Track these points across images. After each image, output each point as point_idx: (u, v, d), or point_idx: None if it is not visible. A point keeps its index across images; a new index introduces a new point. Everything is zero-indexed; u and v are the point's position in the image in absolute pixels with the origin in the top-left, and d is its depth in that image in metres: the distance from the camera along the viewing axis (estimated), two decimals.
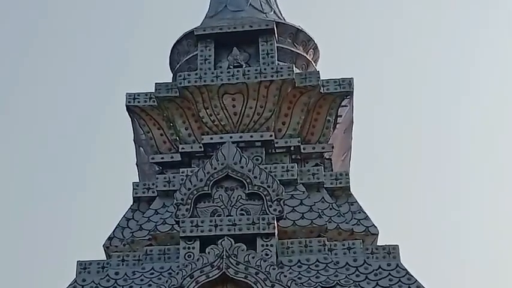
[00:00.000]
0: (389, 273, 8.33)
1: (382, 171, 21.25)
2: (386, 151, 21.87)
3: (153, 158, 9.83)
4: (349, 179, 9.39)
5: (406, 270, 8.37)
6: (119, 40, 25.04)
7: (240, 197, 8.60)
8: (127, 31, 24.95)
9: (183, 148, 9.63)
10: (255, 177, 8.60)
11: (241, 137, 9.48)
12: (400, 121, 23.35)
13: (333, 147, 9.83)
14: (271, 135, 9.51)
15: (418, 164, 22.93)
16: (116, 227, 9.23)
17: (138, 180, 10.08)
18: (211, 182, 8.62)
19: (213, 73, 9.68)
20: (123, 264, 8.68)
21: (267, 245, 8.18)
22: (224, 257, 7.62)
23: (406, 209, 20.91)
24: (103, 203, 20.84)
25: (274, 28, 10.10)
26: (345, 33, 22.88)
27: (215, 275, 7.56)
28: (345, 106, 9.92)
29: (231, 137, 9.33)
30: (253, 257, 7.67)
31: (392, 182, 22.15)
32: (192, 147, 9.63)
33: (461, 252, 21.25)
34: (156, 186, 9.32)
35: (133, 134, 10.30)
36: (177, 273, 7.63)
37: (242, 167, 8.67)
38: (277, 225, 8.37)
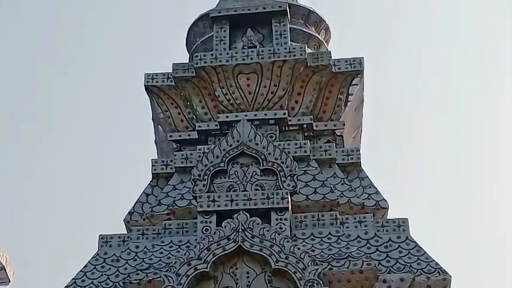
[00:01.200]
0: (399, 246, 8.38)
1: (392, 147, 21.32)
2: (396, 128, 21.95)
3: (171, 136, 9.85)
4: (360, 154, 9.39)
5: (415, 242, 8.40)
6: (138, 21, 25.14)
7: (254, 172, 8.63)
8: (145, 12, 25.00)
9: (199, 126, 9.65)
10: (269, 154, 8.63)
11: (255, 115, 9.49)
12: (411, 99, 23.41)
13: (344, 124, 9.83)
14: (284, 113, 9.52)
15: (427, 140, 22.97)
16: (136, 202, 9.26)
17: (156, 158, 10.19)
18: (227, 158, 8.65)
19: (228, 53, 9.71)
20: (143, 238, 8.74)
21: (281, 219, 8.21)
22: (240, 230, 7.66)
23: (416, 184, 21.00)
24: (124, 180, 20.95)
25: (287, 9, 10.10)
26: (356, 13, 22.91)
27: (231, 247, 7.61)
28: (356, 85, 9.90)
29: (246, 115, 9.38)
30: (267, 231, 7.70)
31: (402, 158, 22.18)
32: (208, 125, 9.64)
33: (471, 224, 21.29)
34: (174, 163, 9.35)
35: (152, 112, 10.32)
36: (195, 246, 7.68)
37: (257, 144, 8.71)
38: (291, 199, 8.40)
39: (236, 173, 8.65)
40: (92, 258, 8.65)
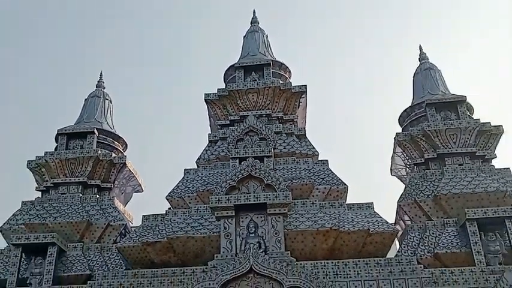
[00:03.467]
0: (324, 172, 8.37)
1: (320, 127, 21.12)
2: (322, 118, 21.73)
3: (216, 123, 9.74)
4: (305, 130, 9.29)
5: (331, 170, 8.40)
6: (199, 70, 24.97)
7: (256, 139, 8.59)
8: (206, 64, 24.85)
9: (230, 118, 9.53)
10: (263, 130, 8.60)
11: (256, 112, 9.36)
12: (332, 103, 23.14)
13: (297, 117, 9.73)
14: (270, 112, 9.40)
15: (341, 121, 22.63)
16: (201, 154, 9.19)
17: (210, 132, 10.00)
18: (244, 132, 8.62)
19: (243, 84, 9.56)
20: (204, 170, 8.72)
21: (268, 161, 8.21)
22: (250, 166, 7.62)
23: (332, 144, 20.77)
24: (195, 144, 20.88)
25: (270, 63, 9.96)
26: (302, 61, 22.65)
27: (245, 174, 7.59)
28: (303, 97, 9.76)
29: (252, 113, 9.27)
30: (262, 166, 7.68)
31: (328, 132, 22.00)
32: (234, 118, 9.51)
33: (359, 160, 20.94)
34: (219, 135, 9.27)
35: (208, 111, 10.19)
36: (229, 173, 7.70)
37: (257, 126, 8.65)
38: (273, 151, 8.41)
39: (247, 139, 8.60)
40: (181, 179, 8.67)
